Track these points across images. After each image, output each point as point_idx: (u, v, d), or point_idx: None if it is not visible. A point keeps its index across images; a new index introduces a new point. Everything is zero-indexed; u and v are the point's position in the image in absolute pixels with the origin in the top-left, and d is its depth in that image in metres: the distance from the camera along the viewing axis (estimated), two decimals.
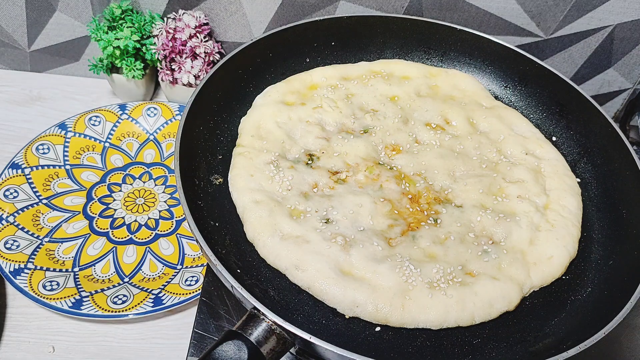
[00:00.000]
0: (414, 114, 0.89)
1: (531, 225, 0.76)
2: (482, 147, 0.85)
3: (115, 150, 1.11)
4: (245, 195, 0.75)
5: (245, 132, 0.83)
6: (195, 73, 1.11)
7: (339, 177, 0.79)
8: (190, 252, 0.98)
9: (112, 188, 1.06)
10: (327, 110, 0.87)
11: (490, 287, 0.69)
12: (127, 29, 1.09)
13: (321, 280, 0.67)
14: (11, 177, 1.02)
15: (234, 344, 0.58)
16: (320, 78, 0.92)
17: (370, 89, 0.91)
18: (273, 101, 0.87)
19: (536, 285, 0.72)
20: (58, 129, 1.10)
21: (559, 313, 0.71)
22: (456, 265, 0.70)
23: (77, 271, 0.93)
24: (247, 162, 0.79)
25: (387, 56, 1.00)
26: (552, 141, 0.90)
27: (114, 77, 1.15)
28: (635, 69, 1.13)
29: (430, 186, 0.79)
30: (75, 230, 0.99)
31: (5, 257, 0.90)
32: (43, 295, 0.87)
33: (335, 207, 0.74)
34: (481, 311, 0.68)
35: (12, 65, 1.25)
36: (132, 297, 0.89)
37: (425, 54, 1.00)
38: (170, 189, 1.07)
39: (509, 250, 0.73)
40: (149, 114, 1.15)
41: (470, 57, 0.99)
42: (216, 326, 0.82)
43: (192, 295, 0.88)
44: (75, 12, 1.14)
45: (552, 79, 0.92)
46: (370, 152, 0.82)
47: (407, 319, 0.66)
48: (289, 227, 0.71)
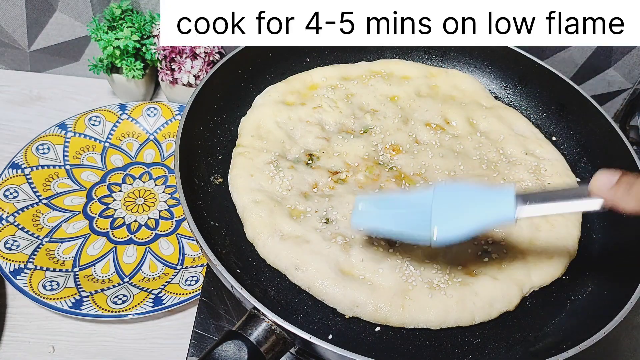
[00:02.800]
0: (414, 114, 0.89)
1: (531, 225, 0.76)
2: (482, 147, 0.85)
3: (115, 150, 1.12)
4: (245, 195, 0.75)
5: (245, 132, 0.83)
6: (195, 73, 1.11)
7: (339, 177, 0.79)
8: (190, 252, 0.98)
9: (112, 188, 1.06)
10: (327, 110, 0.87)
11: (490, 287, 0.69)
12: (127, 29, 1.09)
13: (321, 280, 0.67)
14: (11, 177, 1.02)
15: (234, 344, 0.58)
16: (320, 78, 0.92)
17: (370, 88, 0.91)
18: (273, 101, 0.87)
19: (536, 285, 0.72)
20: (58, 129, 1.10)
21: (559, 313, 0.71)
22: (456, 265, 0.71)
23: (77, 271, 0.93)
24: (247, 162, 0.79)
25: (387, 56, 1.00)
26: (552, 141, 0.90)
27: (114, 77, 1.15)
28: (635, 69, 1.13)
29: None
30: (75, 230, 0.99)
31: (5, 257, 0.90)
32: (43, 295, 0.87)
33: (335, 207, 0.74)
34: (481, 311, 0.68)
35: (12, 65, 1.25)
36: (132, 297, 0.89)
37: (426, 53, 1.00)
38: (170, 189, 1.07)
39: (509, 250, 0.73)
40: (149, 114, 1.15)
41: (470, 57, 0.99)
42: (216, 326, 0.82)
43: (192, 295, 0.88)
44: (75, 12, 1.14)
45: (552, 79, 0.92)
46: (370, 152, 0.82)
47: (407, 319, 0.66)
48: (289, 227, 0.71)
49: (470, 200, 0.58)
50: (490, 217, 0.56)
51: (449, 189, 0.61)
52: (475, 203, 0.57)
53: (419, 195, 0.62)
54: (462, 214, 0.57)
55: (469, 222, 0.56)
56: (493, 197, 0.57)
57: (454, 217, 0.57)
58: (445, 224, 0.57)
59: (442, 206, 0.58)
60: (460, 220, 0.57)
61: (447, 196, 0.59)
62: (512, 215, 0.54)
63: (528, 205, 0.53)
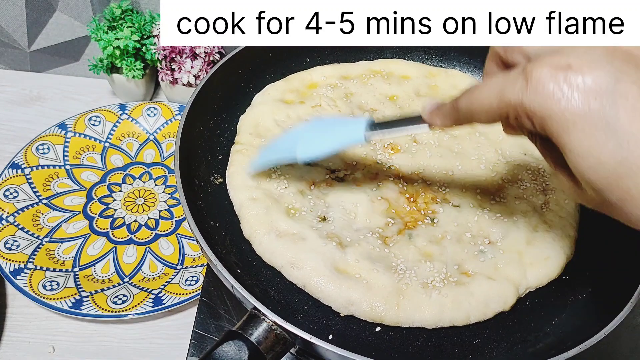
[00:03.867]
0: (413, 113, 0.89)
1: (528, 226, 0.76)
2: (480, 147, 0.85)
3: (115, 150, 1.12)
4: (242, 193, 0.75)
5: (244, 129, 0.83)
6: (195, 73, 1.11)
7: (336, 176, 0.79)
8: (190, 252, 0.98)
9: (112, 188, 1.06)
10: (326, 109, 0.87)
11: (486, 287, 0.69)
12: (127, 29, 1.09)
13: (316, 278, 0.67)
14: (11, 177, 1.02)
15: (234, 344, 0.58)
16: (320, 77, 0.92)
17: (369, 88, 0.91)
18: (272, 99, 0.87)
19: (532, 286, 0.72)
20: (58, 129, 1.10)
21: (559, 313, 0.71)
22: (452, 265, 0.71)
23: (77, 271, 0.93)
24: (245, 159, 0.79)
25: (386, 56, 0.99)
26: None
27: (114, 77, 1.15)
28: None
29: (428, 186, 0.79)
30: (75, 230, 0.99)
31: (5, 257, 0.90)
32: (43, 295, 0.87)
33: (331, 205, 0.74)
34: (476, 311, 0.68)
35: (12, 65, 1.25)
36: (132, 297, 0.89)
37: (425, 54, 1.00)
38: (170, 189, 1.07)
39: (505, 250, 0.73)
40: (149, 114, 1.15)
41: (470, 57, 0.99)
42: (216, 326, 0.82)
43: (192, 295, 0.88)
44: (75, 12, 1.14)
45: None
46: (369, 151, 0.82)
47: (402, 317, 0.66)
48: (285, 225, 0.71)
49: (333, 127, 0.72)
50: (345, 139, 0.68)
51: (318, 121, 0.77)
52: (336, 129, 0.71)
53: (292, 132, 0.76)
54: (323, 138, 0.70)
55: (327, 144, 0.69)
56: (350, 124, 0.70)
57: (316, 141, 0.70)
58: (308, 145, 0.70)
59: (310, 133, 0.72)
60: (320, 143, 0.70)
61: (316, 125, 0.73)
62: (361, 137, 0.65)
63: (376, 130, 0.65)
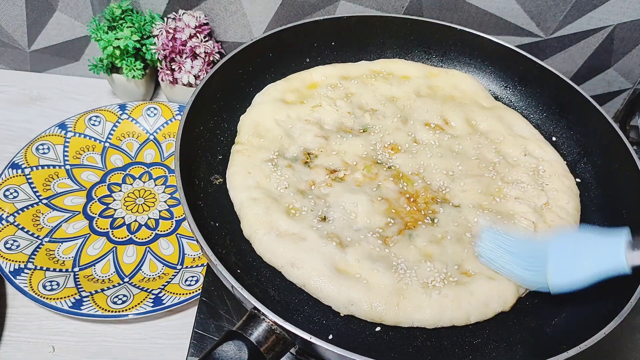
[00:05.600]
0: (413, 113, 0.89)
1: (529, 226, 0.76)
2: (481, 148, 0.85)
3: (115, 150, 1.12)
4: (242, 193, 0.75)
5: (244, 129, 0.83)
6: (195, 73, 1.11)
7: (336, 176, 0.79)
8: (190, 252, 0.98)
9: (112, 188, 1.06)
10: (326, 109, 0.87)
11: (486, 287, 0.69)
12: (127, 29, 1.09)
13: (316, 278, 0.67)
14: (11, 177, 1.02)
15: (234, 344, 0.58)
16: (320, 77, 0.92)
17: (370, 88, 0.91)
18: (272, 99, 0.87)
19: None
20: (58, 129, 1.10)
21: (559, 313, 0.71)
22: (452, 265, 0.71)
23: (77, 271, 0.93)
24: (245, 159, 0.79)
25: (387, 56, 1.00)
26: (552, 141, 0.90)
27: (114, 77, 1.15)
28: (635, 69, 1.13)
29: (428, 186, 0.79)
30: (75, 230, 0.99)
31: (5, 257, 0.90)
32: (43, 295, 0.87)
33: (332, 205, 0.74)
34: (476, 311, 0.68)
35: (12, 65, 1.25)
36: (132, 297, 0.89)
37: (425, 54, 1.00)
38: (170, 189, 1.07)
39: None
40: (149, 114, 1.15)
41: (470, 57, 0.99)
42: (216, 326, 0.82)
43: (192, 295, 0.88)
44: (75, 12, 1.14)
45: (552, 79, 0.92)
46: (369, 151, 0.82)
47: (402, 317, 0.66)
48: (286, 225, 0.71)
49: (582, 250, 0.64)
50: (602, 267, 0.62)
51: (564, 239, 0.67)
52: (588, 253, 0.63)
53: (538, 243, 0.69)
54: (574, 265, 0.63)
55: (581, 273, 0.63)
56: (604, 246, 0.62)
57: (567, 267, 0.64)
58: (560, 274, 0.64)
59: (557, 256, 0.65)
60: (573, 270, 0.63)
61: (562, 246, 0.66)
62: (623, 265, 0.59)
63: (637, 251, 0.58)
